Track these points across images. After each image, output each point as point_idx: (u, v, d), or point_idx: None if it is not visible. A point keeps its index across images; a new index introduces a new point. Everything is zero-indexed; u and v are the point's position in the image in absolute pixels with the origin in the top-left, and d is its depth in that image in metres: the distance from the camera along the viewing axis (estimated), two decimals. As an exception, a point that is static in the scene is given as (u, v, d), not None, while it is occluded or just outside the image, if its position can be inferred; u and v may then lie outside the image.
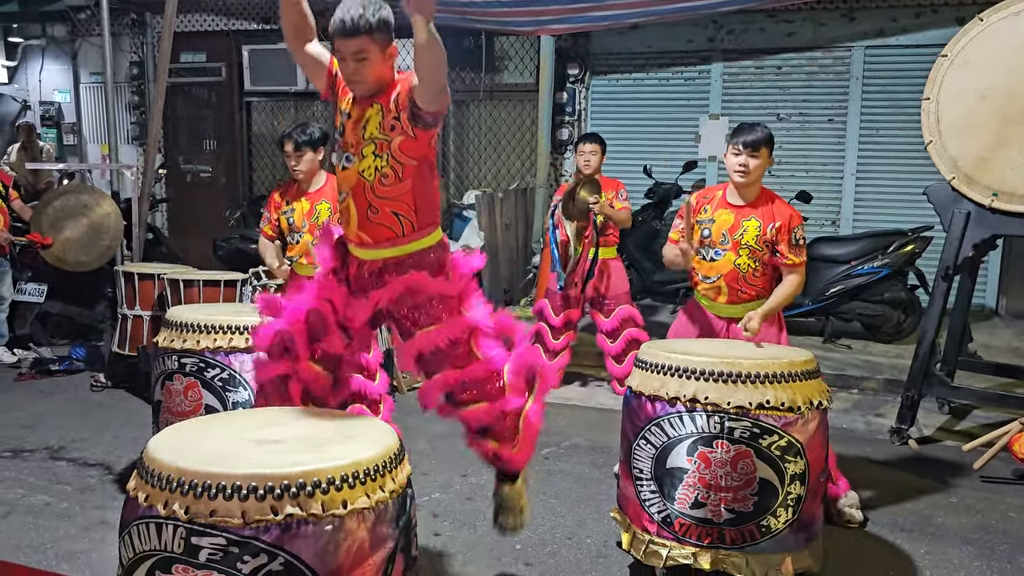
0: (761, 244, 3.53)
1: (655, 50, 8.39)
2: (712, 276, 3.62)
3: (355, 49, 2.36)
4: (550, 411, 5.45)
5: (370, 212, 2.51)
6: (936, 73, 4.52)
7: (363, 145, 2.48)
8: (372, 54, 2.40)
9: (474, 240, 7.70)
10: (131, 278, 5.53)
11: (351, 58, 2.38)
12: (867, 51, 7.76)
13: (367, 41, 2.37)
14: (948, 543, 3.62)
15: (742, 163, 3.50)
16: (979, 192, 4.41)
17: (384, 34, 2.41)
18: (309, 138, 4.18)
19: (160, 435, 2.19)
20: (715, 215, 3.61)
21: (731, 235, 3.57)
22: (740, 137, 3.52)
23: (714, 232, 3.60)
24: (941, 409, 5.37)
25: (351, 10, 2.34)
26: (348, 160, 2.53)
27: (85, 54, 10.59)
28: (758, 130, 3.52)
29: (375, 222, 2.52)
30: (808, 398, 2.94)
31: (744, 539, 2.93)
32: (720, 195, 3.65)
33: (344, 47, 2.37)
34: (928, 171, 5.39)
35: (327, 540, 1.89)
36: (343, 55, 2.39)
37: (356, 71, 2.40)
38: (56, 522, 3.76)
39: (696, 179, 8.18)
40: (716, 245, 3.59)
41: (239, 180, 10.16)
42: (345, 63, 2.40)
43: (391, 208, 2.51)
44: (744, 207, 3.58)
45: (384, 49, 2.43)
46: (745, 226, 3.55)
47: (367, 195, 2.50)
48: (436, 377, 2.55)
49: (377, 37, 2.39)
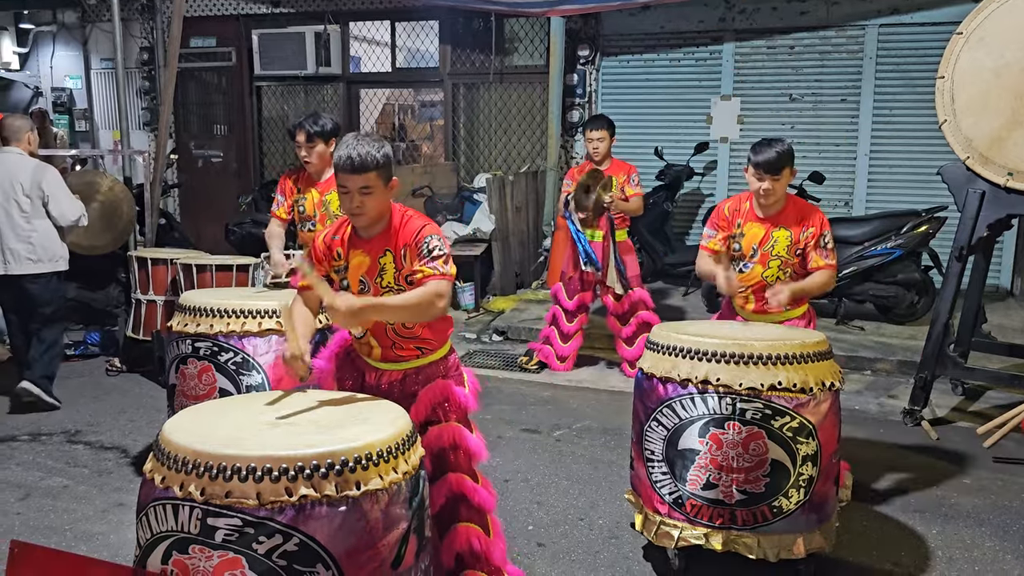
0: (792, 254, 3.56)
1: (666, 31, 8.32)
2: (741, 287, 3.64)
3: (362, 184, 2.43)
4: (563, 393, 5.54)
5: (394, 348, 2.62)
6: (951, 51, 4.47)
7: (382, 292, 2.55)
8: (377, 188, 2.46)
9: (485, 224, 7.68)
10: (144, 263, 5.57)
11: (357, 192, 2.44)
12: (881, 29, 7.66)
13: (373, 177, 2.44)
14: (961, 524, 3.62)
15: (766, 188, 3.48)
16: (994, 172, 4.37)
17: (387, 169, 2.49)
18: (321, 129, 4.10)
19: (176, 418, 2.21)
20: (745, 228, 3.62)
21: (760, 248, 3.58)
22: (760, 159, 3.44)
23: (744, 246, 3.62)
24: (955, 390, 5.35)
25: (357, 148, 2.42)
26: None
27: (96, 40, 10.60)
28: (776, 149, 3.44)
29: (397, 353, 2.63)
30: (820, 379, 2.93)
31: (756, 520, 2.94)
32: (748, 207, 3.64)
33: (351, 183, 2.44)
34: (942, 151, 5.34)
35: (341, 521, 1.91)
36: (348, 189, 2.45)
37: (361, 204, 2.46)
38: (74, 504, 3.81)
39: (707, 160, 8.16)
40: (746, 258, 3.63)
41: (250, 165, 10.18)
42: (350, 196, 2.46)
43: (414, 344, 2.63)
44: (772, 218, 3.59)
45: (387, 183, 2.50)
46: (775, 237, 3.57)
47: (390, 335, 2.59)
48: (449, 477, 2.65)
49: (382, 172, 2.46)
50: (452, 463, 2.66)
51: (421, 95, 10.66)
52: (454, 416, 2.68)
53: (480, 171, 9.07)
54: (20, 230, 4.89)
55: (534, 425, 4.86)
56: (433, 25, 9.23)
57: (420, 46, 9.56)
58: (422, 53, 9.58)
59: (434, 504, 2.64)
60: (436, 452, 2.63)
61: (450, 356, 2.76)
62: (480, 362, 6.12)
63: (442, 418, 2.65)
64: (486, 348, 6.54)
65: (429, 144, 10.41)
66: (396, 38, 9.48)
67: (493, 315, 7.18)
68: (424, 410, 2.63)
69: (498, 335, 6.80)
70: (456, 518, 2.65)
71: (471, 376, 2.82)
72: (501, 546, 2.74)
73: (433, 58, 9.39)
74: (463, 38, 9.06)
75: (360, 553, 1.94)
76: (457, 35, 9.06)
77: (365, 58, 9.78)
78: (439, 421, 2.65)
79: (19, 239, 4.89)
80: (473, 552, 2.63)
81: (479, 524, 2.68)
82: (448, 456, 2.65)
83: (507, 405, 5.17)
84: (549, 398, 5.37)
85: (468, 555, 2.63)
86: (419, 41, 9.52)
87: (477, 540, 2.64)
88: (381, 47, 9.63)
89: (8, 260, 4.90)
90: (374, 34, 9.61)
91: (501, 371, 5.89)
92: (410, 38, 9.54)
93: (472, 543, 2.63)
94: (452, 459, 2.65)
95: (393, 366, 2.62)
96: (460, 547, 2.62)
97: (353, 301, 2.36)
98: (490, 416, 4.85)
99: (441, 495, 2.64)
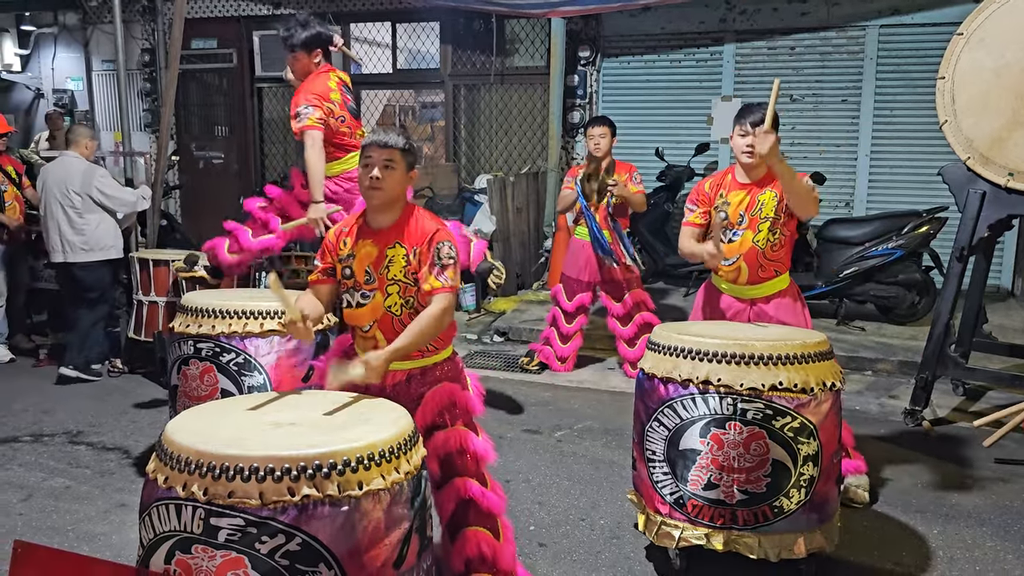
0: (780, 212, 3.52)
1: (667, 32, 8.32)
2: (731, 257, 3.60)
3: (386, 157, 2.57)
4: (564, 394, 5.54)
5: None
6: (951, 52, 4.47)
7: (387, 284, 2.60)
8: (398, 166, 2.60)
9: (486, 224, 7.68)
10: (146, 264, 5.58)
11: (380, 164, 2.56)
12: (881, 30, 7.66)
13: (397, 153, 2.59)
14: (962, 523, 3.62)
15: (749, 144, 3.48)
16: (995, 172, 4.37)
17: (412, 156, 2.65)
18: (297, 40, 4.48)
19: (178, 418, 2.22)
20: (729, 197, 3.60)
21: (747, 213, 3.56)
22: (746, 118, 3.51)
23: (731, 214, 3.59)
24: (956, 391, 5.35)
25: (388, 132, 2.63)
26: (365, 297, 2.63)
27: (97, 42, 10.61)
28: (763, 109, 3.48)
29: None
30: (821, 379, 2.94)
31: (757, 520, 2.94)
32: (729, 178, 3.64)
33: (376, 153, 2.57)
34: (943, 151, 5.34)
35: (343, 521, 1.92)
36: (372, 161, 2.57)
37: (380, 178, 2.55)
38: (76, 504, 3.82)
39: (708, 161, 8.16)
40: (734, 226, 3.59)
41: (251, 166, 10.18)
42: (370, 168, 2.56)
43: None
44: (755, 184, 3.58)
45: (408, 168, 2.64)
46: (761, 200, 3.54)
47: (396, 327, 2.61)
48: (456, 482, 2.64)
49: (406, 155, 2.62)
50: (460, 467, 2.65)
51: (422, 96, 10.66)
52: (460, 420, 2.68)
53: (481, 172, 9.07)
54: (75, 224, 5.59)
55: (535, 426, 4.86)
56: (434, 26, 9.24)
57: (421, 47, 9.56)
58: (423, 54, 9.59)
59: (444, 510, 2.65)
60: (443, 457, 2.64)
61: (455, 357, 2.77)
62: (481, 363, 6.13)
63: (448, 422, 2.65)
64: (487, 349, 6.54)
65: (430, 145, 10.42)
66: (397, 39, 9.49)
67: (494, 316, 7.18)
68: (430, 414, 2.63)
69: (499, 336, 6.81)
70: (465, 523, 2.64)
71: (474, 379, 2.82)
72: (511, 549, 2.73)
73: (434, 59, 9.40)
74: (464, 39, 9.06)
75: (362, 553, 1.95)
76: (458, 36, 9.06)
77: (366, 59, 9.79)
78: (445, 425, 2.65)
79: (75, 232, 5.60)
80: (483, 557, 2.61)
81: (489, 528, 2.66)
82: (455, 461, 2.65)
83: (508, 406, 5.18)
84: (550, 399, 5.38)
85: (477, 560, 2.62)
86: (420, 42, 9.52)
87: (487, 545, 2.62)
88: (382, 48, 9.64)
89: (66, 250, 5.62)
90: (375, 35, 9.62)
91: (502, 372, 5.90)
92: (411, 39, 9.54)
93: (482, 548, 2.61)
94: (460, 463, 2.65)
95: (398, 366, 2.62)
96: (470, 552, 2.61)
97: (380, 358, 2.45)
98: (491, 417, 4.85)
99: (451, 501, 2.64)
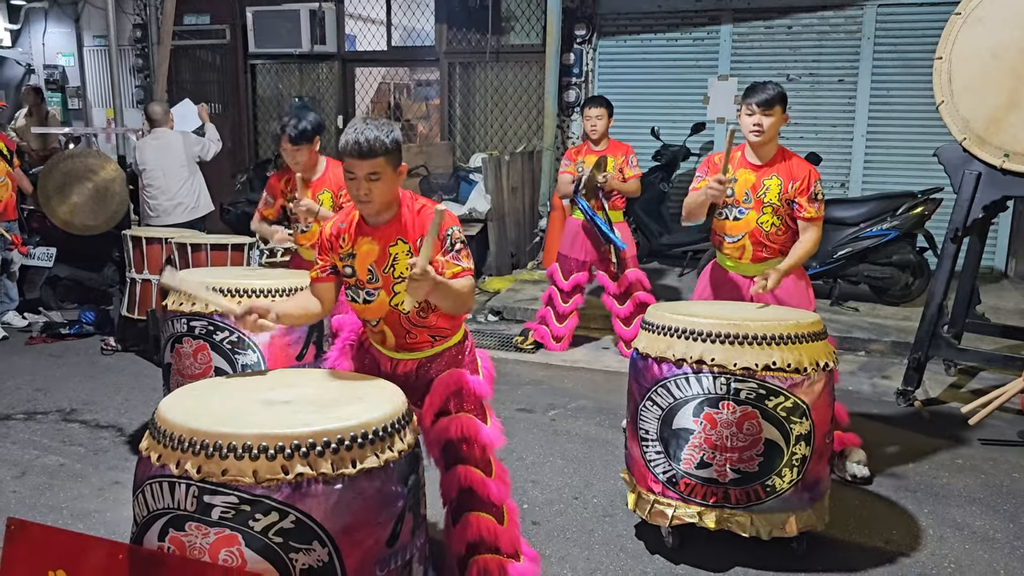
0: (783, 201, 3.54)
1: (664, 10, 8.27)
2: (736, 235, 3.62)
3: (370, 170, 2.35)
4: (558, 373, 5.55)
5: (408, 336, 2.57)
6: (949, 31, 4.45)
7: (393, 283, 2.48)
8: (385, 174, 2.38)
9: (481, 203, 7.66)
10: (139, 242, 5.55)
11: (364, 179, 2.36)
12: (879, 9, 7.62)
13: (382, 162, 2.35)
14: (952, 503, 3.65)
15: (756, 123, 3.48)
16: (990, 153, 4.36)
17: (396, 155, 2.41)
18: (303, 132, 4.04)
19: (171, 396, 2.21)
20: (736, 174, 3.60)
21: (754, 194, 3.57)
22: (753, 97, 3.50)
23: (737, 191, 3.60)
24: (948, 371, 5.37)
25: (365, 132, 2.34)
26: (370, 295, 2.52)
27: (88, 17, 10.50)
28: (770, 88, 3.50)
29: (411, 341, 2.59)
30: (814, 360, 2.95)
31: (749, 499, 2.96)
32: (739, 156, 3.64)
33: (358, 168, 2.35)
34: (939, 132, 5.32)
35: (337, 498, 1.92)
36: (356, 175, 2.36)
37: (368, 191, 2.38)
38: (70, 482, 3.82)
39: (704, 141, 8.13)
40: (740, 204, 3.60)
41: (245, 143, 10.13)
42: (356, 183, 2.37)
43: (428, 332, 2.58)
44: (764, 166, 3.58)
45: (396, 168, 2.41)
46: (767, 184, 3.55)
47: (403, 323, 2.53)
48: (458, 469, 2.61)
49: (391, 158, 2.38)
50: (462, 455, 2.61)
51: (417, 74, 10.59)
52: (467, 406, 2.63)
53: (476, 151, 9.03)
54: (185, 188, 6.45)
55: (529, 404, 4.88)
56: (429, 3, 9.16)
57: (416, 24, 9.49)
58: (418, 31, 9.52)
59: (447, 494, 2.63)
60: (444, 444, 2.60)
61: (465, 341, 2.72)
62: (476, 342, 6.09)
63: (452, 409, 2.61)
64: (482, 328, 6.54)
65: (425, 124, 10.37)
66: (392, 16, 9.41)
67: (489, 295, 7.18)
68: (438, 400, 2.60)
69: (494, 315, 6.81)
70: (467, 508, 2.61)
71: (486, 360, 2.77)
72: (515, 532, 2.70)
73: (429, 36, 9.33)
74: (459, 16, 8.99)
75: (356, 531, 1.96)
76: (453, 13, 8.99)
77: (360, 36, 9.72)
78: (449, 412, 2.61)
79: (189, 194, 6.47)
80: (484, 540, 2.59)
81: (492, 513, 2.62)
82: (458, 448, 2.60)
83: (502, 385, 5.16)
84: (544, 378, 5.39)
85: (478, 543, 2.60)
86: (415, 19, 9.44)
87: (487, 530, 2.59)
88: (377, 25, 9.56)
89: (181, 213, 6.40)
90: (369, 12, 9.54)
91: (497, 351, 5.90)
92: (406, 16, 9.46)
93: (483, 532, 2.59)
94: (462, 451, 2.60)
95: (407, 355, 2.59)
96: (471, 536, 2.59)
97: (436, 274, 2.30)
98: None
99: (453, 488, 2.61)
